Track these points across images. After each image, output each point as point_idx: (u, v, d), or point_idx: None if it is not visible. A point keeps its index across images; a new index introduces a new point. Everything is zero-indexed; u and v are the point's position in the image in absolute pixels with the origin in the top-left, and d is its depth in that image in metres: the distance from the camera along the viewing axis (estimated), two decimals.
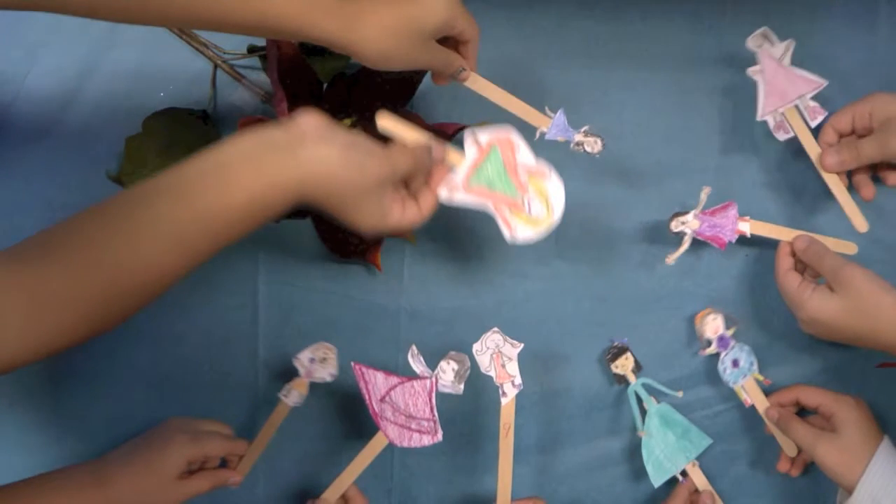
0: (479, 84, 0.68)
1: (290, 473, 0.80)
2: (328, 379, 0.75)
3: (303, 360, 0.75)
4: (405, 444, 0.71)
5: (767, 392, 0.76)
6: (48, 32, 0.76)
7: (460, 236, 0.79)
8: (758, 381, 0.76)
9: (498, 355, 0.72)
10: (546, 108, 0.68)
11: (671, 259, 0.73)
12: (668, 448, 0.76)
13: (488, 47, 0.75)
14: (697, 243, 0.78)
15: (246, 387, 0.79)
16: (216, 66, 0.77)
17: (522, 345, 0.72)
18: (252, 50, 0.77)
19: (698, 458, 0.77)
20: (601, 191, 0.78)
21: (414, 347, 0.71)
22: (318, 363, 0.75)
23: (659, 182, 0.78)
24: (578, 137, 0.68)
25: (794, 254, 0.73)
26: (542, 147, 0.67)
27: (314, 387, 0.78)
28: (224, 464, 0.76)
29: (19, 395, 0.79)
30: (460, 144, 0.65)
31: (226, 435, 0.76)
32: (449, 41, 0.64)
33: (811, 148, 0.74)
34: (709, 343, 0.76)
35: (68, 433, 0.79)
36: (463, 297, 0.79)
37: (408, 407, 0.70)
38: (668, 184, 0.78)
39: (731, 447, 0.80)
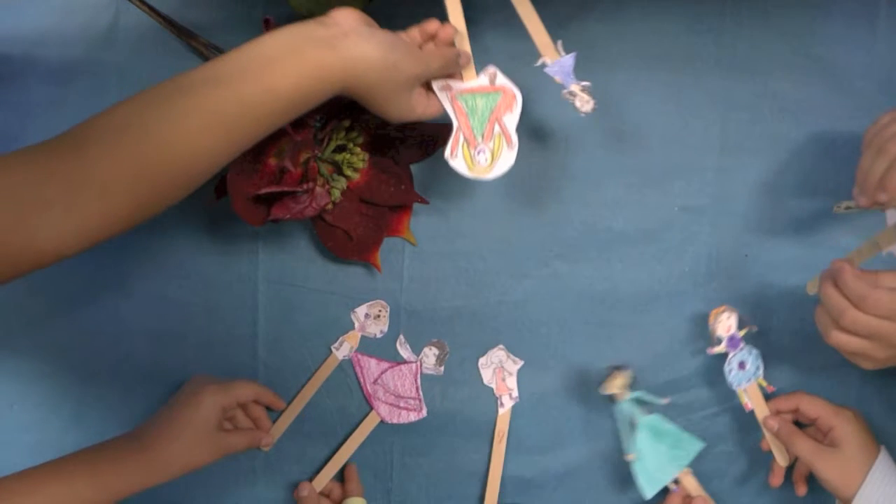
0: None
1: (291, 473, 0.80)
2: (378, 335, 0.78)
3: (359, 313, 0.78)
4: (395, 421, 0.79)
5: (768, 398, 0.76)
6: (47, 33, 0.76)
7: (460, 236, 0.79)
8: (761, 387, 0.75)
9: (500, 370, 0.78)
10: (559, 45, 0.67)
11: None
12: (660, 459, 0.75)
13: (487, 46, 0.75)
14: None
15: None
16: None
17: (523, 361, 0.78)
18: None
19: (697, 459, 0.77)
20: (601, 190, 0.78)
21: (402, 336, 0.78)
22: (371, 319, 0.78)
23: (659, 182, 0.78)
24: (574, 88, 0.67)
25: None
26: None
27: (316, 392, 0.79)
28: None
29: (19, 395, 0.79)
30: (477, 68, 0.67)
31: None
32: None
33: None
34: (719, 341, 0.74)
35: (68, 433, 0.79)
36: (463, 297, 0.79)
37: (397, 388, 0.78)
38: (667, 184, 0.78)
39: (730, 448, 0.80)
